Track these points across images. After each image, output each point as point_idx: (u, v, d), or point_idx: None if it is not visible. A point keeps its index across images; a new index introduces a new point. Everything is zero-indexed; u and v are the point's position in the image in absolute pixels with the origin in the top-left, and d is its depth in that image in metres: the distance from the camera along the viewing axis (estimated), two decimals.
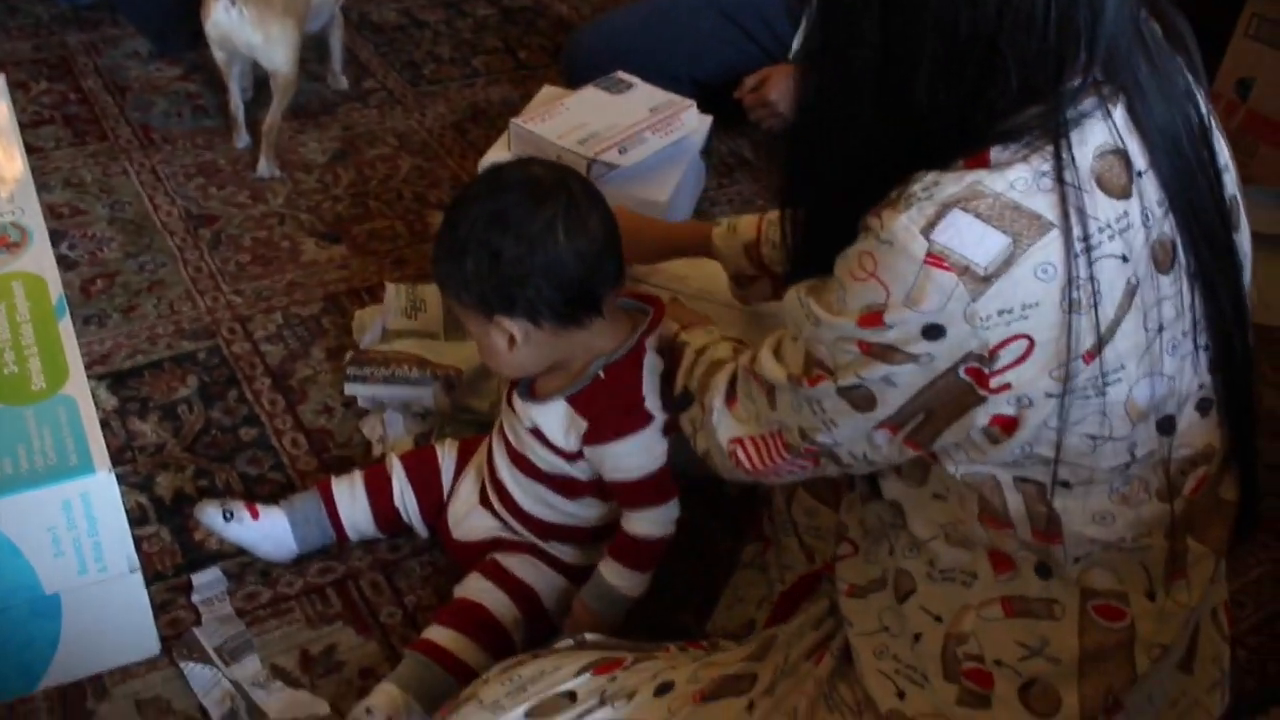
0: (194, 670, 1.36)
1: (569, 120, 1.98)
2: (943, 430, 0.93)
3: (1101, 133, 0.87)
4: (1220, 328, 0.95)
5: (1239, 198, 0.98)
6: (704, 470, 1.21)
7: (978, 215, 0.83)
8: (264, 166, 2.23)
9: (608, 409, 1.28)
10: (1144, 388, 0.90)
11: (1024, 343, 0.85)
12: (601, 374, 1.27)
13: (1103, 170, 0.86)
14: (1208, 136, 0.94)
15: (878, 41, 0.87)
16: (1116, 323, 0.87)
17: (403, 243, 2.10)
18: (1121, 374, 0.88)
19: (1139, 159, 0.88)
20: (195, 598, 1.45)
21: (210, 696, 1.34)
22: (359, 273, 2.02)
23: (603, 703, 1.12)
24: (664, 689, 1.13)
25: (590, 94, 2.07)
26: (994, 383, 0.87)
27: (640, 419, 1.29)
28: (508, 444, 1.38)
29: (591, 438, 1.29)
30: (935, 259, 0.83)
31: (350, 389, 1.72)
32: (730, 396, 1.12)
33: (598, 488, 1.35)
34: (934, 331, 0.86)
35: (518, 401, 1.33)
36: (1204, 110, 0.95)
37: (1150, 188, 0.88)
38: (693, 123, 2.06)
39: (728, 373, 1.13)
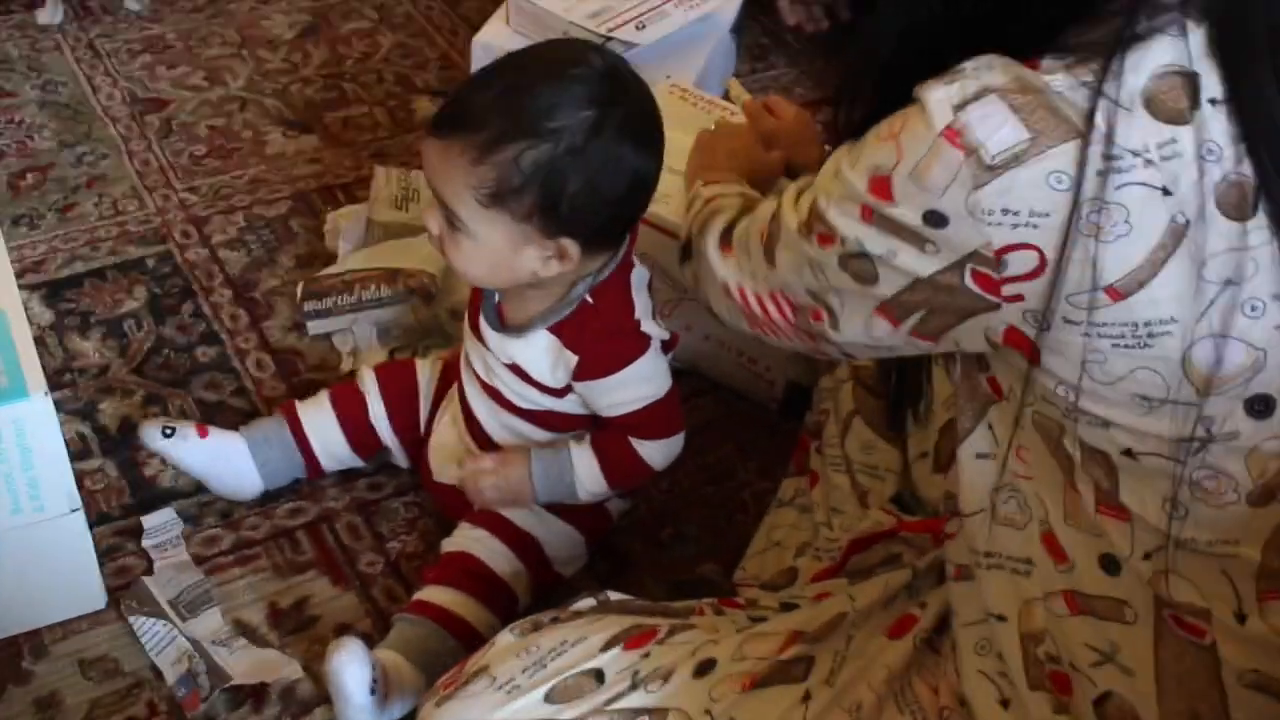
0: (145, 625, 1.36)
1: None
2: (952, 326, 0.96)
3: (1170, 51, 0.88)
4: None
5: None
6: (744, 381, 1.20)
7: (1011, 106, 0.87)
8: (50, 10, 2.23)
9: (599, 338, 1.27)
10: (1208, 350, 0.88)
11: (1034, 255, 0.88)
12: (589, 298, 1.26)
13: (1157, 91, 0.87)
14: None
15: None
16: (1155, 264, 0.87)
17: (384, 133, 2.08)
18: (1171, 326, 0.88)
19: (1213, 87, 0.87)
20: (146, 542, 1.44)
21: (164, 656, 1.33)
22: (333, 167, 2.00)
23: (634, 686, 1.11)
24: (705, 668, 1.12)
25: None
26: (1005, 290, 0.91)
27: (637, 344, 1.28)
28: (477, 375, 1.37)
29: (583, 373, 1.28)
30: (952, 133, 0.88)
31: (315, 328, 1.69)
32: (725, 243, 1.18)
33: (588, 421, 1.35)
34: (935, 219, 0.90)
35: (488, 333, 1.31)
36: None
37: (1221, 120, 0.87)
38: None
39: (725, 219, 1.20)
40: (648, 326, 1.28)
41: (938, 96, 0.89)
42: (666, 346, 1.31)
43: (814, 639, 1.14)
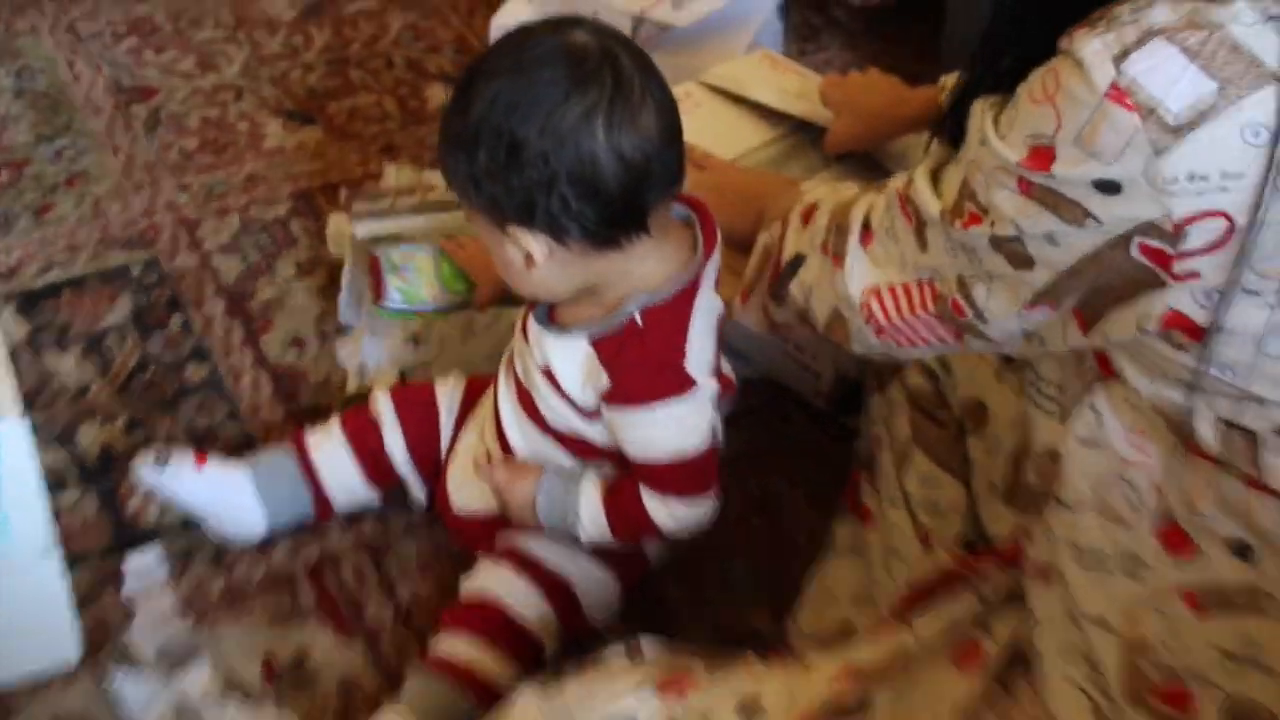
0: (127, 682, 1.34)
1: None
2: (1109, 309, 0.94)
3: None
4: None
5: None
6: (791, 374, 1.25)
7: (1184, 49, 0.84)
8: None
9: (635, 363, 1.23)
10: None
11: (1221, 223, 0.85)
12: (638, 319, 1.21)
13: None
14: None
15: None
16: None
17: (393, 125, 2.09)
18: None
19: None
20: (128, 587, 1.43)
21: (148, 715, 1.32)
22: (337, 163, 2.01)
23: None
24: (748, 710, 1.09)
25: None
26: (1178, 267, 0.88)
27: (676, 382, 1.23)
28: (517, 379, 1.35)
29: (612, 396, 1.25)
30: (1118, 93, 0.85)
31: (363, 230, 1.70)
32: (866, 232, 1.15)
33: (619, 456, 1.32)
34: (1106, 187, 0.88)
35: (533, 326, 1.29)
36: None
37: None
38: None
39: (864, 205, 1.17)
40: (694, 370, 1.24)
41: (1092, 48, 0.86)
42: (719, 397, 1.29)
43: (871, 676, 1.12)
